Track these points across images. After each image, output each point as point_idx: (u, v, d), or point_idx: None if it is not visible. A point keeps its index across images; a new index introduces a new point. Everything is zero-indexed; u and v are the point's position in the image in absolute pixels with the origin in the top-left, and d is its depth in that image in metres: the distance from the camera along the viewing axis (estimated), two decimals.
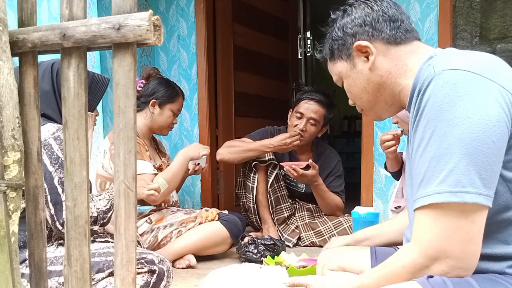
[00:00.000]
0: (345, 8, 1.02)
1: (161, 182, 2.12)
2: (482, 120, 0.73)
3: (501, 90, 0.75)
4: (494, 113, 0.73)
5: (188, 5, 3.17)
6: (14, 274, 0.80)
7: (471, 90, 0.74)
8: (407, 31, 0.97)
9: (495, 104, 0.74)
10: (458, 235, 0.72)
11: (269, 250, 2.18)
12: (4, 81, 0.78)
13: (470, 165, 0.71)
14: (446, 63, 0.81)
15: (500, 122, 0.73)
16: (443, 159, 0.73)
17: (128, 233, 0.77)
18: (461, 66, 0.78)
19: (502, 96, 0.75)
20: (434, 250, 0.74)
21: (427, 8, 2.49)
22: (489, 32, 2.39)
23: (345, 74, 1.03)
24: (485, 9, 2.39)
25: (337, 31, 1.02)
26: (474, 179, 0.71)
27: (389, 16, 0.97)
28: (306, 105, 2.56)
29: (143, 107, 2.30)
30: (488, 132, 0.72)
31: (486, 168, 0.72)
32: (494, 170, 0.73)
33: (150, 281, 1.36)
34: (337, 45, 1.02)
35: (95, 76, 1.48)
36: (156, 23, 0.73)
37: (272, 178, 2.58)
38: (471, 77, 0.76)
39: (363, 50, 0.98)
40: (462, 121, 0.73)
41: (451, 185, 0.72)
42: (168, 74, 3.22)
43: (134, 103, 0.75)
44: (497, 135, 0.73)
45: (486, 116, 0.73)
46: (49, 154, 1.26)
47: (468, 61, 0.81)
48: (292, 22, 4.19)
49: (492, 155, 0.73)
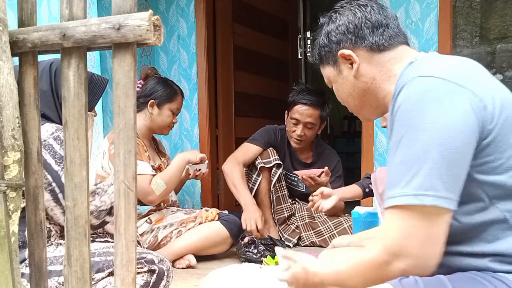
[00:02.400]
0: (330, 15, 1.05)
1: (159, 182, 2.12)
2: (447, 127, 0.75)
3: (470, 97, 0.77)
4: (459, 119, 0.76)
5: (188, 5, 3.17)
6: (14, 274, 0.80)
7: (440, 97, 0.77)
8: (391, 37, 0.98)
9: (462, 111, 0.76)
10: (418, 235, 0.76)
11: (269, 250, 2.18)
12: (4, 81, 0.78)
13: (433, 169, 0.74)
14: (420, 70, 0.83)
15: (465, 128, 0.76)
16: (409, 163, 0.77)
17: (128, 233, 0.77)
18: (433, 73, 0.80)
19: (471, 102, 0.77)
20: (395, 248, 0.77)
21: (427, 8, 2.49)
22: (489, 32, 2.39)
23: (333, 79, 1.07)
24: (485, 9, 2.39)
25: (323, 38, 1.05)
26: (435, 183, 0.74)
27: (371, 22, 0.98)
28: (300, 110, 2.55)
29: (142, 108, 2.29)
30: (451, 138, 0.75)
31: (448, 172, 0.75)
32: (457, 174, 0.76)
33: (150, 281, 1.36)
34: (324, 52, 1.05)
35: (94, 76, 1.48)
36: (156, 23, 0.73)
37: (275, 178, 2.58)
38: (441, 84, 0.78)
39: (347, 58, 1.00)
40: (428, 127, 0.76)
41: (414, 188, 0.75)
42: (168, 74, 3.22)
43: (134, 103, 0.75)
44: (461, 141, 0.75)
45: (451, 122, 0.76)
46: (52, 154, 1.26)
47: (442, 67, 0.83)
48: (292, 22, 4.19)
49: (456, 160, 0.75)
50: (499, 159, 0.78)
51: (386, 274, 0.79)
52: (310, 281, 0.94)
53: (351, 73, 1.00)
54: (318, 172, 2.42)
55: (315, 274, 0.93)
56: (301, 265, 0.97)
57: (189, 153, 2.28)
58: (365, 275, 0.83)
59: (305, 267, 0.96)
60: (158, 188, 2.12)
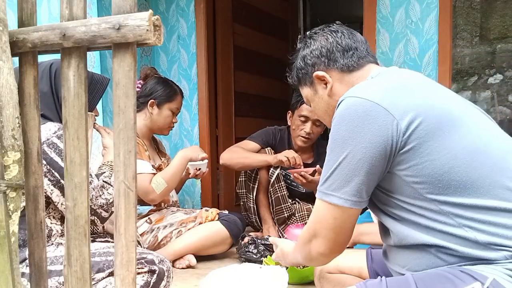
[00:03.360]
0: (305, 40, 1.16)
1: (160, 181, 2.12)
2: (354, 142, 0.89)
3: (384, 115, 0.88)
4: (366, 136, 0.89)
5: (188, 5, 3.17)
6: (14, 274, 0.80)
7: (355, 116, 0.90)
8: (360, 58, 1.09)
9: (370, 129, 0.88)
10: (325, 223, 0.96)
11: (269, 250, 2.18)
12: (4, 81, 0.78)
13: (339, 175, 0.92)
14: (353, 90, 0.95)
15: (372, 144, 0.88)
16: (326, 166, 0.94)
17: (128, 233, 0.77)
18: (359, 94, 0.92)
19: (384, 120, 0.88)
20: (312, 229, 0.99)
21: (427, 8, 2.49)
22: (489, 32, 2.39)
23: (310, 98, 1.17)
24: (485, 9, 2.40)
25: (300, 61, 1.16)
26: (339, 186, 0.92)
27: (342, 46, 1.09)
28: (309, 107, 2.55)
29: (142, 108, 2.29)
30: (357, 152, 0.89)
31: (349, 179, 0.91)
32: (359, 182, 0.91)
33: (150, 281, 1.36)
34: (301, 74, 1.16)
35: (95, 76, 1.48)
36: (156, 23, 0.73)
37: (274, 178, 2.58)
38: (360, 104, 0.90)
39: (321, 78, 1.10)
40: (340, 141, 0.92)
41: (325, 187, 0.94)
42: (168, 74, 3.22)
43: (134, 103, 0.75)
44: (364, 154, 0.89)
45: (358, 139, 0.89)
46: (57, 152, 1.27)
47: (372, 88, 0.94)
48: (292, 22, 4.19)
49: (358, 169, 0.90)
50: (423, 162, 0.88)
51: (308, 250, 1.01)
52: (287, 260, 1.25)
53: (325, 92, 1.11)
54: (310, 170, 2.43)
55: (287, 254, 1.23)
56: (280, 247, 1.29)
57: (191, 151, 2.25)
58: (300, 251, 1.06)
59: (282, 249, 1.27)
60: (159, 186, 2.11)
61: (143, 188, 2.09)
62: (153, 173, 2.17)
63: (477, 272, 0.82)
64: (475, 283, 0.81)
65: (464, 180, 0.87)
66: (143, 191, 2.10)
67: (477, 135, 0.92)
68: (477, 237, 0.85)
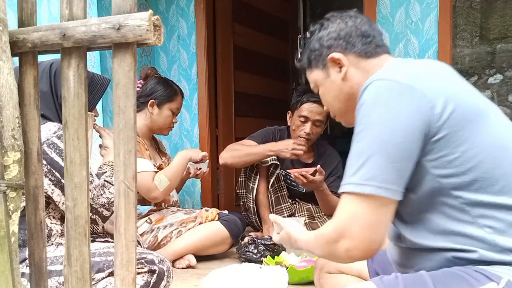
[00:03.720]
0: (322, 22, 1.12)
1: (162, 178, 2.12)
2: (390, 125, 0.84)
3: (418, 97, 0.84)
4: (403, 118, 0.83)
5: (188, 5, 3.17)
6: (14, 274, 0.80)
7: (389, 98, 0.85)
8: (377, 46, 1.06)
9: (407, 110, 0.83)
10: (359, 220, 0.84)
11: (269, 250, 2.18)
12: (4, 81, 0.78)
13: (375, 162, 0.83)
14: (380, 74, 0.91)
15: (408, 126, 0.83)
16: (358, 156, 0.86)
17: (128, 233, 0.77)
18: (389, 76, 0.87)
19: (418, 103, 0.83)
20: (341, 228, 0.87)
21: (427, 8, 2.49)
22: (489, 32, 2.39)
23: (320, 82, 1.12)
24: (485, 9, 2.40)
25: (314, 42, 1.11)
26: (377, 175, 0.83)
27: (362, 32, 1.06)
28: (309, 107, 2.54)
29: (142, 108, 2.30)
30: (394, 136, 0.83)
31: (389, 166, 0.83)
32: (399, 168, 0.84)
33: (150, 281, 1.36)
34: (314, 56, 1.11)
35: (95, 76, 1.48)
36: (156, 23, 0.73)
37: (273, 178, 2.58)
38: (393, 86, 0.86)
39: (337, 61, 1.06)
40: (375, 125, 0.85)
41: (358, 178, 0.84)
42: (168, 74, 3.22)
43: (134, 103, 0.75)
44: (404, 138, 0.83)
45: (395, 121, 0.83)
46: (58, 152, 1.28)
47: (401, 71, 0.90)
48: (292, 22, 4.19)
49: (396, 155, 0.83)
50: (453, 154, 0.84)
51: (334, 250, 0.89)
52: (294, 245, 1.11)
53: (339, 76, 1.07)
54: (310, 170, 2.43)
55: (296, 240, 1.08)
56: (286, 230, 1.12)
57: (191, 151, 2.28)
58: (321, 248, 0.95)
59: (289, 233, 1.11)
60: (162, 184, 2.11)
61: (145, 186, 2.08)
62: (155, 171, 2.17)
63: (491, 272, 0.81)
64: (491, 283, 0.79)
65: (489, 176, 0.84)
66: (146, 189, 2.10)
67: (501, 130, 0.89)
68: (496, 240, 0.83)
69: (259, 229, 2.67)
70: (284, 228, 1.14)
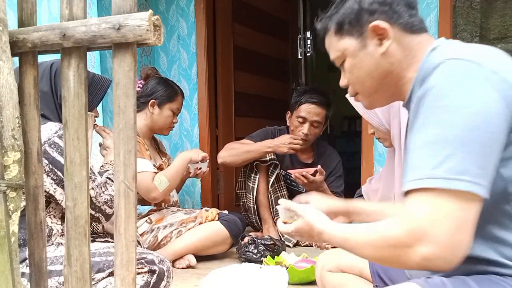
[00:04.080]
0: None
1: (162, 179, 2.13)
2: (482, 111, 0.71)
3: (503, 83, 0.74)
4: (494, 104, 0.72)
5: (188, 5, 3.17)
6: (14, 274, 0.80)
7: (473, 80, 0.73)
8: (421, 21, 0.92)
9: (496, 96, 0.72)
10: (447, 220, 0.69)
11: (269, 250, 2.18)
12: (4, 81, 0.78)
13: (466, 153, 0.70)
14: (450, 53, 0.79)
15: (499, 114, 0.72)
16: (440, 145, 0.71)
17: (128, 233, 0.77)
18: (465, 56, 0.76)
19: (504, 89, 0.73)
20: (420, 232, 0.70)
21: (427, 8, 2.49)
22: (489, 32, 2.39)
23: (351, 53, 0.94)
24: (485, 9, 2.39)
25: (352, 2, 0.91)
26: (469, 168, 0.69)
27: (408, 1, 0.91)
28: (307, 108, 2.55)
29: (142, 108, 2.30)
30: (487, 123, 0.71)
31: (482, 158, 0.70)
32: (491, 161, 0.72)
33: (150, 281, 1.36)
34: (349, 19, 0.92)
35: (96, 76, 1.48)
36: (156, 23, 0.73)
37: (273, 178, 2.58)
38: (474, 67, 0.74)
39: (379, 32, 0.89)
40: (462, 109, 0.71)
41: (446, 171, 0.70)
42: (168, 74, 3.22)
43: (134, 103, 0.75)
44: (496, 127, 0.71)
45: (486, 107, 0.71)
46: (59, 152, 1.28)
47: (472, 51, 0.79)
48: (292, 22, 4.19)
49: (489, 146, 0.71)
50: None
51: (404, 257, 0.73)
52: (316, 237, 0.93)
53: (378, 50, 0.90)
54: (311, 170, 2.43)
55: (321, 233, 0.91)
56: (306, 220, 0.94)
57: (191, 152, 2.29)
58: (379, 250, 0.77)
59: (310, 223, 0.93)
60: (162, 184, 2.12)
61: (145, 186, 2.09)
62: (155, 172, 2.18)
63: None
64: None
65: None
66: (146, 189, 2.10)
67: None
68: None
69: (259, 229, 2.67)
70: (303, 217, 0.95)
